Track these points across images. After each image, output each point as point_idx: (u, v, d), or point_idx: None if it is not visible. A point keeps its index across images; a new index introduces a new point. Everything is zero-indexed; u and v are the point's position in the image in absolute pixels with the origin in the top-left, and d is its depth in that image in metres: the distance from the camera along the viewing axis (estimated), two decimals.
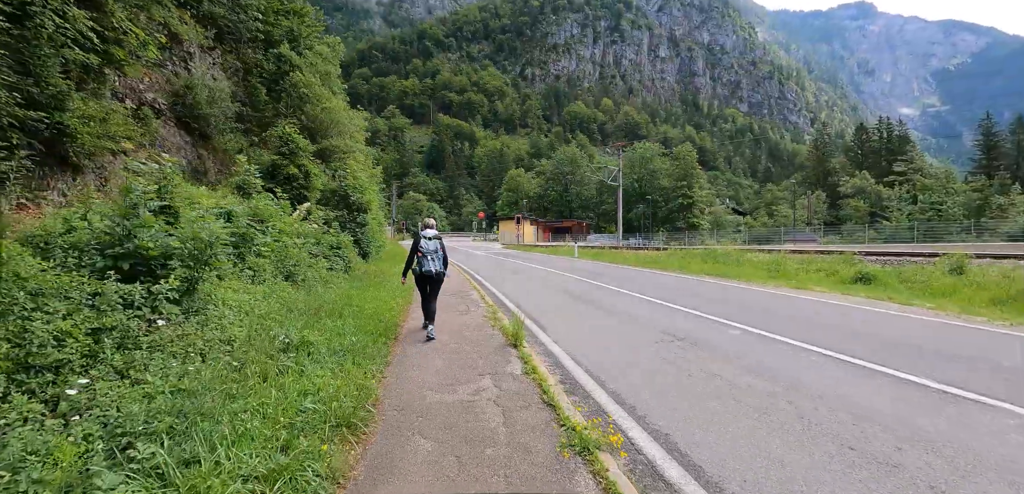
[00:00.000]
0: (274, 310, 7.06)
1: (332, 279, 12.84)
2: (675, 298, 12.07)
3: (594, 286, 14.95)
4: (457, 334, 7.74)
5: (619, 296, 12.64)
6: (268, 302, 7.44)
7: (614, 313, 10.11)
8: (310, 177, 17.96)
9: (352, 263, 16.29)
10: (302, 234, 13.65)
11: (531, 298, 12.53)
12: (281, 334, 5.63)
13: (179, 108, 20.93)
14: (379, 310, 8.97)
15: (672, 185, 77.11)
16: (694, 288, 14.28)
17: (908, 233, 53.62)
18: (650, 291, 13.49)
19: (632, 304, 11.28)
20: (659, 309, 10.53)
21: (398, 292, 12.06)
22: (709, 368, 6.05)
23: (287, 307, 7.82)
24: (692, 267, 20.57)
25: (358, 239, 19.52)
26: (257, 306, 6.92)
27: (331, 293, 10.35)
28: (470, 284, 15.32)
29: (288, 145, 17.69)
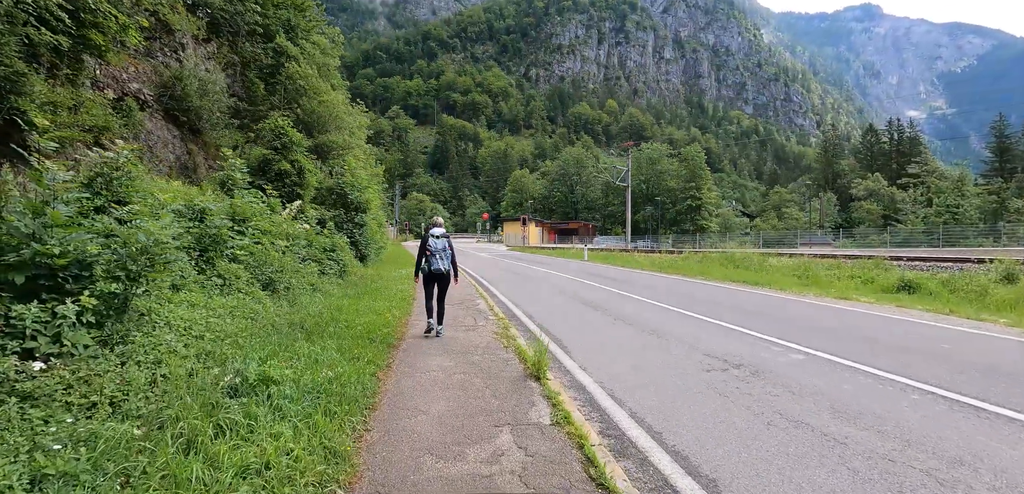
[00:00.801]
0: (238, 331, 5.72)
1: (324, 286, 11.53)
2: (710, 310, 10.70)
3: (613, 294, 13.59)
4: (464, 357, 6.39)
5: (645, 307, 11.27)
6: (232, 320, 6.10)
7: (645, 328, 8.74)
8: (304, 174, 16.67)
9: (348, 267, 14.97)
10: (291, 235, 12.34)
11: (545, 308, 11.17)
12: (234, 368, 4.28)
13: (167, 100, 19.72)
14: (372, 325, 7.64)
15: (680, 186, 75.62)
16: (725, 297, 12.90)
17: (923, 237, 52.20)
18: (678, 301, 12.11)
19: (663, 317, 9.90)
20: (696, 324, 9.16)
21: (396, 300, 10.76)
22: (788, 411, 4.68)
23: (259, 325, 6.49)
24: (714, 273, 19.18)
25: (355, 241, 18.20)
26: (216, 325, 5.58)
27: (318, 304, 9.03)
28: (476, 290, 13.99)
29: (280, 139, 16.41)
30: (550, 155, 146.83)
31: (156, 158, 18.37)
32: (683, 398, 5.06)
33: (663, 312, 10.53)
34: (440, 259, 7.50)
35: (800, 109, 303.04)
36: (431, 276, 7.62)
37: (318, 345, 5.88)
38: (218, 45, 24.84)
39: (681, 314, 10.20)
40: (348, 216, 18.36)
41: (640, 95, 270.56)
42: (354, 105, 27.02)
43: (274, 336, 6.08)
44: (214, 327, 5.48)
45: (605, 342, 7.71)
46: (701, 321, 9.39)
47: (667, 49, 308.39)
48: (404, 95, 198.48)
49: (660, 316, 10.01)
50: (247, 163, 16.73)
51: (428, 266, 7.53)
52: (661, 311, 10.65)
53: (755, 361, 6.53)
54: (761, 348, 7.24)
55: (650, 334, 8.27)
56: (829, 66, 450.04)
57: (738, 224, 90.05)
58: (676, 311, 10.59)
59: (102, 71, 17.18)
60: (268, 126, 16.59)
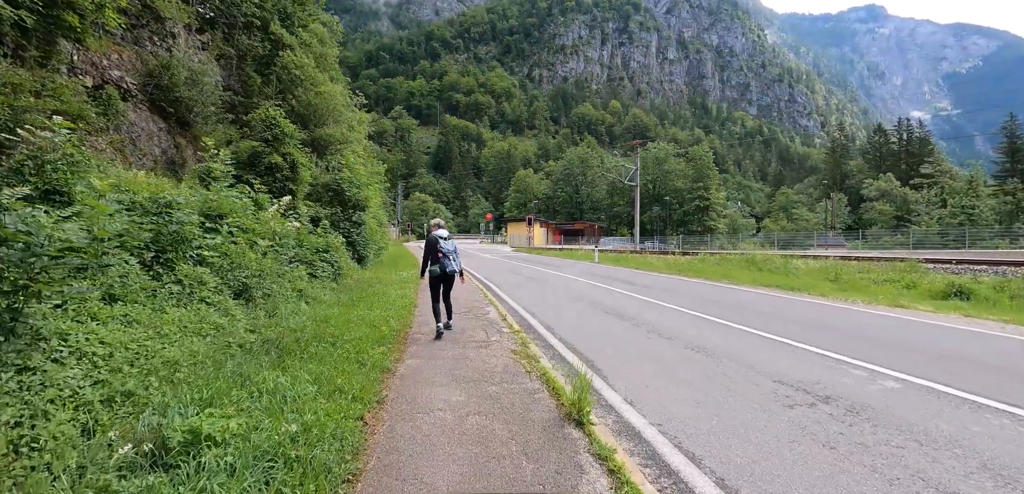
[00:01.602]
0: (182, 357, 4.39)
1: (314, 291, 10.21)
2: (752, 319, 9.34)
3: (636, 300, 12.23)
4: (478, 387, 5.05)
5: (677, 316, 9.92)
6: (182, 341, 4.77)
7: (688, 344, 7.39)
8: (297, 168, 15.36)
9: (343, 269, 13.67)
10: (279, 234, 11.03)
11: (565, 318, 9.81)
12: (150, 424, 2.96)
13: (152, 90, 18.48)
14: (364, 341, 6.33)
15: (687, 187, 74.14)
16: (763, 304, 11.54)
17: (938, 238, 50.89)
18: (710, 308, 10.76)
19: (703, 329, 8.55)
20: (745, 338, 7.80)
21: (395, 308, 9.44)
22: (929, 474, 3.35)
23: (217, 346, 5.17)
24: (738, 276, 17.80)
25: (353, 241, 16.90)
26: (154, 351, 4.26)
27: (303, 314, 7.72)
28: (485, 296, 12.65)
29: (272, 130, 15.13)
30: (553, 156, 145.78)
31: (139, 151, 17.10)
32: (776, 451, 3.72)
33: (700, 322, 9.17)
34: (452, 260, 7.65)
35: (804, 110, 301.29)
36: (443, 278, 7.69)
37: (291, 372, 4.56)
38: (213, 37, 23.62)
39: (722, 325, 8.84)
40: (345, 214, 17.07)
41: (644, 96, 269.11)
42: (354, 95, 25.66)
43: (232, 362, 4.74)
44: (150, 353, 4.14)
45: (646, 363, 6.36)
46: (750, 334, 8.04)
47: (671, 50, 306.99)
48: (407, 95, 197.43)
49: (699, 328, 8.66)
50: (235, 156, 15.49)
51: (441, 269, 7.55)
52: (697, 321, 9.30)
53: (841, 391, 5.20)
54: (838, 372, 5.90)
55: (696, 352, 6.92)
56: (833, 67, 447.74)
57: (745, 225, 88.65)
58: (714, 321, 9.24)
59: (80, 56, 15.95)
60: (258, 116, 15.31)
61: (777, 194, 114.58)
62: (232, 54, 24.56)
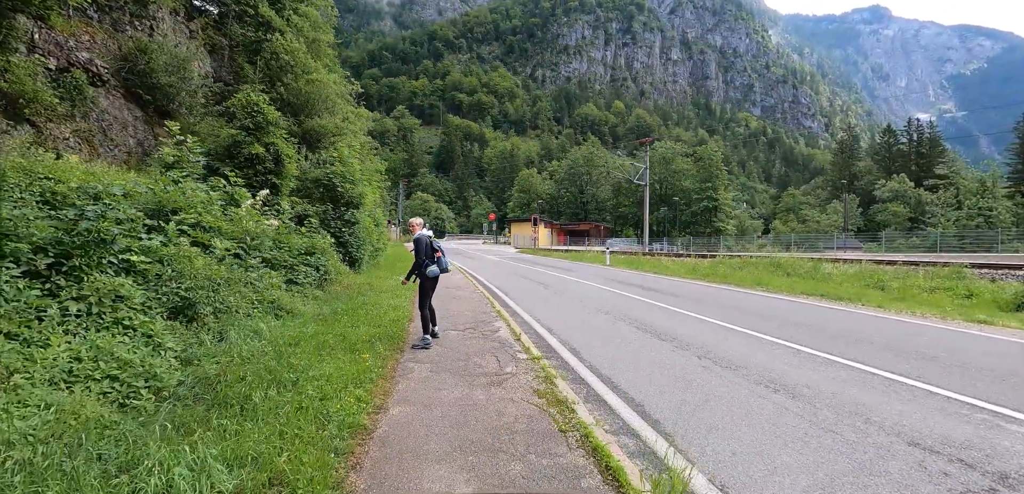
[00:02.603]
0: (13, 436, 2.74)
1: (292, 302, 8.57)
2: (824, 342, 7.66)
3: (670, 314, 10.55)
4: (494, 460, 3.39)
5: (731, 336, 8.24)
6: (30, 405, 3.12)
7: (764, 380, 5.71)
8: (282, 160, 13.74)
9: (331, 274, 12.02)
10: (254, 234, 9.41)
11: (593, 338, 8.14)
12: None
13: (126, 74, 16.92)
14: (338, 378, 4.70)
15: (696, 187, 72.33)
16: (821, 320, 9.86)
17: (955, 241, 49.27)
18: (768, 326, 9.06)
19: (775, 358, 6.87)
20: (837, 372, 6.11)
21: (386, 324, 7.81)
22: None
23: (119, 396, 3.53)
24: (771, 283, 16.10)
25: (345, 242, 15.25)
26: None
27: (264, 337, 6.07)
28: (491, 305, 11.00)
29: (254, 117, 13.49)
30: (556, 156, 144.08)
31: (110, 141, 15.52)
32: None
33: (759, 343, 7.51)
34: (447, 258, 7.37)
35: (808, 111, 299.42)
36: (434, 279, 7.25)
37: (205, 447, 2.91)
38: (203, 24, 22.04)
39: (789, 349, 7.17)
40: (337, 212, 15.42)
41: (647, 96, 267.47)
42: (349, 82, 23.97)
43: (122, 429, 3.08)
44: None
45: (719, 411, 4.67)
46: (833, 363, 6.36)
47: (674, 50, 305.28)
48: (409, 95, 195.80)
49: (763, 351, 6.99)
50: (212, 145, 13.88)
51: (439, 268, 7.14)
52: (754, 342, 7.63)
53: (1012, 464, 3.56)
54: (988, 427, 4.24)
55: (779, 392, 5.24)
56: (837, 68, 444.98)
57: (753, 227, 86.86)
58: (776, 342, 7.56)
59: (42, 35, 14.40)
60: (239, 101, 13.67)
61: (784, 195, 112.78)
62: (224, 44, 22.99)
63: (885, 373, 5.90)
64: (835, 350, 7.04)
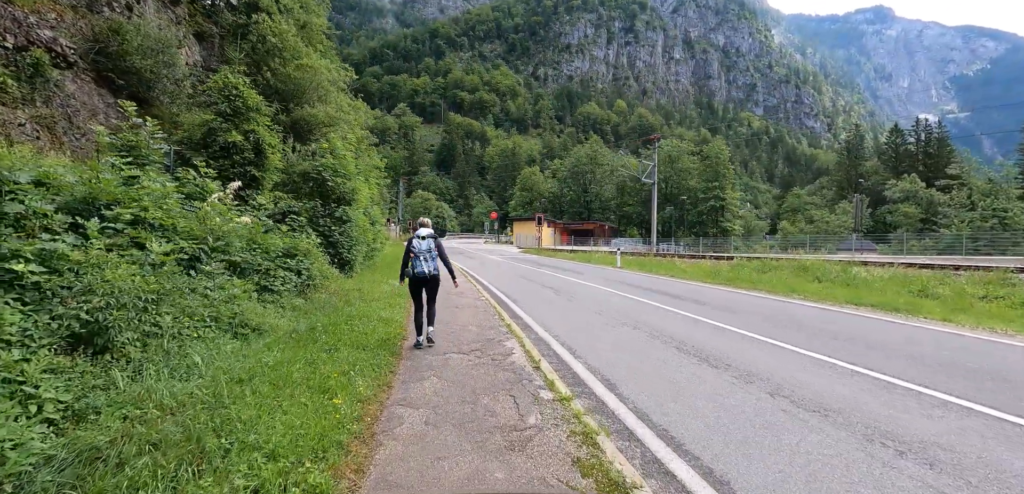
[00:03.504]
0: None
1: (261, 317, 7.09)
2: (921, 374, 6.18)
3: (706, 327, 9.04)
4: None
5: (794, 361, 6.73)
6: None
7: (877, 434, 4.22)
8: (263, 150, 12.26)
9: (317, 279, 10.52)
10: (216, 233, 7.93)
11: (630, 366, 6.63)
12: None
13: (97, 56, 15.45)
14: (293, 446, 3.21)
15: (702, 186, 70.74)
16: (901, 339, 8.34)
17: (970, 243, 47.77)
18: (835, 347, 7.54)
19: (878, 398, 5.37)
20: (973, 423, 4.64)
21: (373, 345, 6.34)
22: None
23: None
24: (806, 289, 14.56)
25: (334, 241, 13.74)
26: None
27: (199, 375, 4.56)
28: (500, 318, 9.50)
29: (231, 101, 12.01)
30: (558, 154, 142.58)
31: (76, 129, 14.02)
32: None
33: (838, 374, 6.00)
34: (424, 261, 6.85)
35: (811, 111, 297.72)
36: (416, 280, 6.90)
37: None
38: (190, 11, 20.59)
39: (892, 386, 5.67)
40: (326, 209, 13.92)
41: (649, 96, 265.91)
42: (344, 70, 22.42)
43: None
44: None
45: None
46: (972, 412, 4.88)
47: (677, 49, 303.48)
48: (411, 93, 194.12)
49: (849, 387, 5.49)
50: (187, 134, 12.41)
51: (412, 269, 6.86)
52: (832, 371, 6.13)
53: None
54: None
55: (910, 457, 3.75)
56: (840, 68, 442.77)
57: (759, 227, 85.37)
58: (869, 375, 6.06)
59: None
60: (215, 83, 12.19)
61: (788, 195, 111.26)
62: (214, 32, 21.54)
63: (997, 412, 4.42)
64: (954, 387, 5.53)
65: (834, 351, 7.08)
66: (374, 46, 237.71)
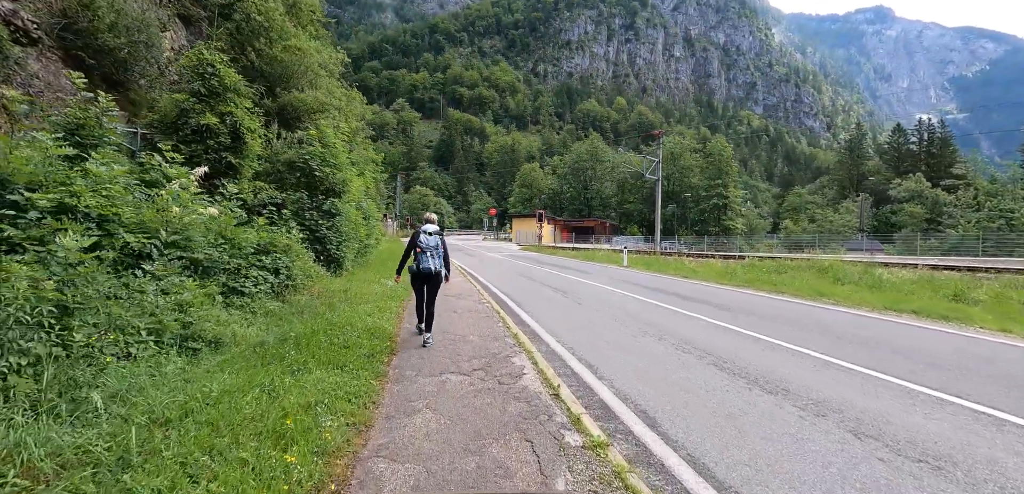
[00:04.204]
0: None
1: (221, 325, 5.95)
2: (1010, 399, 5.07)
3: (751, 341, 7.88)
4: None
5: (864, 385, 5.62)
6: None
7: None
8: (241, 134, 11.07)
9: (297, 279, 9.35)
10: (174, 226, 6.77)
11: (670, 392, 5.47)
12: None
13: (63, 33, 14.21)
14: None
15: (705, 184, 69.58)
16: (979, 358, 7.23)
17: (976, 244, 46.88)
18: (914, 371, 6.42)
19: (996, 444, 4.27)
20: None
21: (354, 362, 5.17)
22: None
23: None
24: (834, 293, 13.38)
25: (321, 237, 12.56)
26: None
27: (92, 423, 3.39)
28: (504, 323, 8.34)
29: (207, 79, 10.82)
30: (558, 151, 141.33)
31: (39, 111, 12.88)
32: None
33: (929, 406, 4.87)
34: (430, 258, 6.71)
35: (810, 111, 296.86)
36: (420, 276, 6.78)
37: None
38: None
39: (982, 416, 4.55)
40: (313, 201, 12.74)
41: (649, 93, 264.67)
42: (336, 51, 21.18)
43: None
44: None
45: None
46: None
47: (677, 47, 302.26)
48: (410, 89, 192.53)
49: (948, 423, 4.36)
50: (158, 117, 11.21)
51: (417, 265, 6.72)
52: (916, 401, 4.99)
53: None
54: None
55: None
56: (840, 68, 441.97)
57: (761, 226, 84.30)
58: (951, 402, 4.93)
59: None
60: (188, 60, 11.00)
61: (789, 194, 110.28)
62: (201, 15, 20.30)
63: None
64: None
65: (911, 374, 5.92)
66: (373, 41, 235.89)
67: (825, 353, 6.81)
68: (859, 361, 6.42)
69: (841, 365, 6.24)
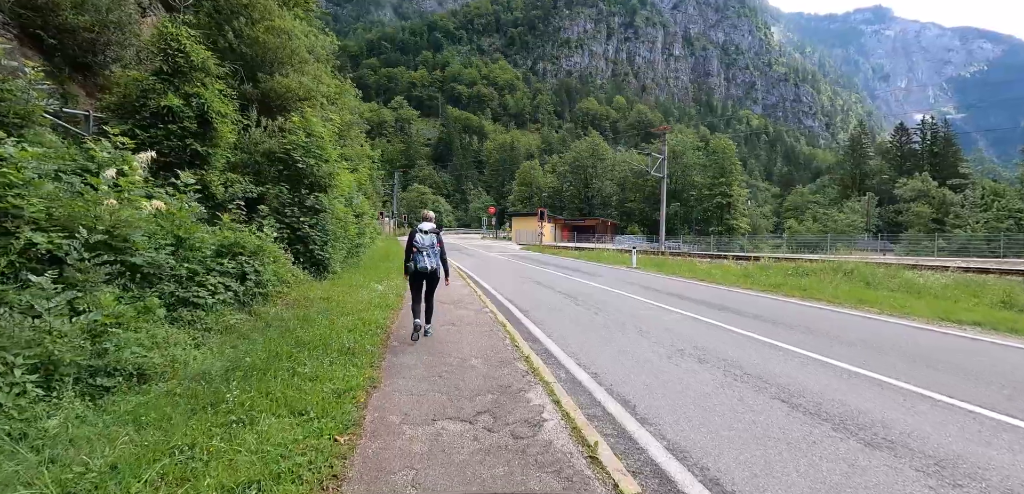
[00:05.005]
0: None
1: (161, 347, 4.63)
2: None
3: (815, 365, 6.56)
4: None
5: (998, 434, 4.32)
6: None
7: None
8: (212, 121, 9.72)
9: (271, 285, 8.02)
10: (104, 222, 5.45)
11: (745, 447, 4.15)
12: None
13: (22, 9, 12.84)
14: None
15: (708, 182, 68.30)
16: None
17: (984, 244, 45.85)
18: (999, 398, 5.16)
19: None
20: None
21: (325, 400, 3.81)
22: None
23: None
24: (874, 299, 12.02)
25: (304, 236, 11.21)
26: None
27: None
28: (510, 337, 7.01)
29: (171, 57, 9.48)
30: (557, 150, 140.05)
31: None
32: None
33: None
34: (427, 256, 6.74)
35: (809, 110, 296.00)
36: (417, 274, 6.81)
37: None
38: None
39: None
40: (295, 196, 11.39)
41: (648, 92, 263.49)
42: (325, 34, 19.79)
43: None
44: None
45: None
46: None
47: (676, 46, 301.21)
48: (408, 86, 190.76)
49: None
50: (118, 98, 9.85)
51: (414, 264, 6.72)
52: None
53: None
54: None
55: None
56: (838, 68, 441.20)
57: (765, 225, 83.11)
58: None
59: None
60: (154, 37, 9.67)
61: (791, 194, 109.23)
62: (191, 4, 18.94)
63: None
64: None
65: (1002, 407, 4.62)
66: (371, 38, 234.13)
67: (922, 386, 5.48)
68: (962, 394, 5.10)
69: (943, 401, 4.92)
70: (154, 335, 5.04)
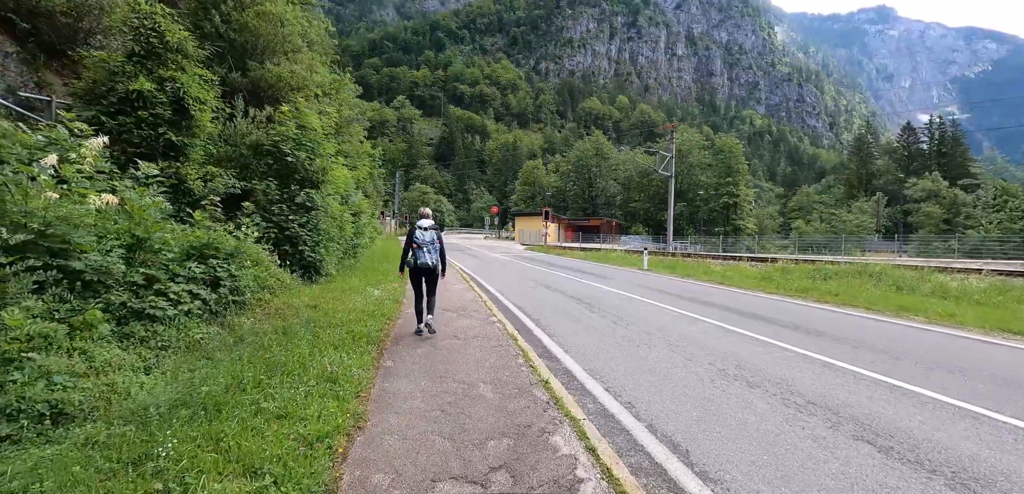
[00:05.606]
0: None
1: (99, 370, 3.64)
2: None
3: (892, 391, 5.59)
4: None
5: None
6: None
7: None
8: (189, 109, 8.75)
9: (247, 293, 7.05)
10: (43, 220, 4.48)
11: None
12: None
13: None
14: None
15: (714, 182, 67.20)
16: None
17: (996, 246, 44.86)
18: None
19: None
20: None
21: (281, 458, 2.80)
22: None
23: None
24: (912, 306, 11.01)
25: (293, 236, 10.24)
26: None
27: None
28: (522, 354, 6.03)
29: (141, 38, 8.51)
30: (560, 149, 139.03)
31: None
32: None
33: None
34: (427, 253, 6.88)
35: (813, 110, 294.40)
36: (417, 271, 6.95)
37: None
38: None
39: None
40: (284, 193, 10.42)
41: (651, 92, 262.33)
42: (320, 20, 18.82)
43: None
44: None
45: None
46: None
47: (679, 46, 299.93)
48: (410, 86, 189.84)
49: None
50: (87, 84, 8.89)
51: (414, 260, 6.87)
52: None
53: None
54: None
55: None
56: (842, 68, 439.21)
57: (771, 226, 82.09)
58: None
59: None
60: (124, 16, 8.71)
61: (797, 194, 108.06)
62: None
63: None
64: None
65: None
66: (374, 37, 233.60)
67: (984, 407, 4.50)
68: None
69: None
70: (92, 358, 4.09)
